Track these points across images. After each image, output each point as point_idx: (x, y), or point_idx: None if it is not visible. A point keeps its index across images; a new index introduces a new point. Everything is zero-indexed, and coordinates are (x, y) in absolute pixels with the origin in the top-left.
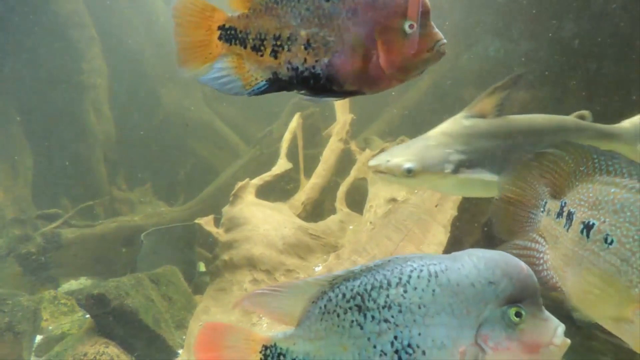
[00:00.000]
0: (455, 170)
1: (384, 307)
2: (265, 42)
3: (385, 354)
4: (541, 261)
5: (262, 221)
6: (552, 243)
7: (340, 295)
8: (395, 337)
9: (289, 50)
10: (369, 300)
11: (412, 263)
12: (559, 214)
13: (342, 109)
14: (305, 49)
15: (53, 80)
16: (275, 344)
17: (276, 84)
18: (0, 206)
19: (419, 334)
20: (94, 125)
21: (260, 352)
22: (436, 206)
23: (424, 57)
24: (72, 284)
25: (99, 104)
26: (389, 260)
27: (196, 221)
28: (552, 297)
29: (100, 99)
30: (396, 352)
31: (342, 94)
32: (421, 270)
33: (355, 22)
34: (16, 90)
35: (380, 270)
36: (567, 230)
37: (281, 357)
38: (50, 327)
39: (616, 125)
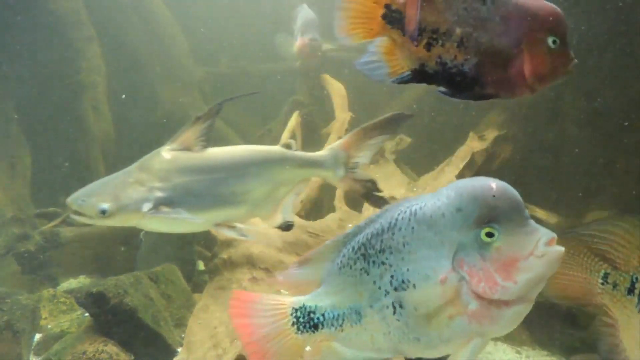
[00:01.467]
0: (154, 209)
1: (380, 252)
2: (423, 33)
3: (388, 293)
4: (617, 336)
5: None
6: (623, 321)
7: (350, 249)
8: (392, 276)
9: (442, 45)
10: (370, 248)
11: (401, 207)
12: (630, 291)
13: (341, 108)
14: (458, 46)
15: (51, 79)
16: (304, 305)
17: (420, 76)
18: None
19: (408, 270)
20: (92, 124)
21: (291, 315)
22: None
23: (559, 72)
24: (71, 283)
25: (97, 103)
26: (386, 209)
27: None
28: (549, 297)
29: (98, 97)
30: (395, 289)
31: (480, 96)
32: (405, 212)
33: (507, 29)
34: (14, 89)
35: (378, 219)
36: None
37: (311, 315)
38: (49, 326)
39: (318, 152)
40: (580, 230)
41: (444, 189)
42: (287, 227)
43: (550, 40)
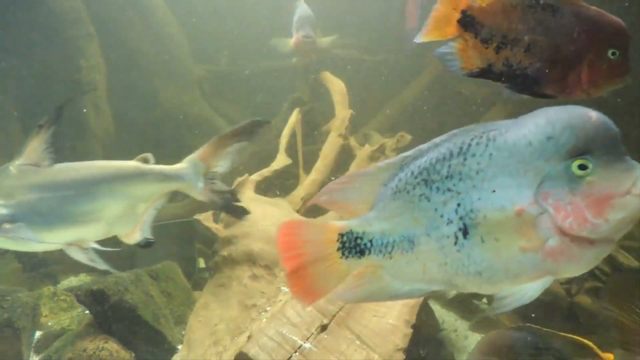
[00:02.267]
0: None
1: (447, 178)
2: (493, 38)
3: (452, 221)
4: None
5: (261, 217)
6: None
7: (409, 174)
8: (459, 204)
9: (510, 49)
10: (433, 173)
11: (474, 132)
12: None
13: (341, 105)
14: (525, 51)
15: (51, 77)
16: (350, 230)
17: (487, 74)
18: None
19: (479, 199)
20: (92, 122)
21: (338, 241)
22: None
23: (615, 81)
24: (72, 280)
25: (97, 101)
26: (454, 134)
27: (195, 217)
28: (550, 291)
29: (98, 95)
30: (461, 218)
31: (539, 94)
32: (480, 137)
33: (572, 40)
34: (13, 87)
35: (445, 144)
36: None
37: (358, 240)
38: (49, 323)
39: (176, 165)
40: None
41: (527, 117)
42: (146, 244)
43: (610, 52)
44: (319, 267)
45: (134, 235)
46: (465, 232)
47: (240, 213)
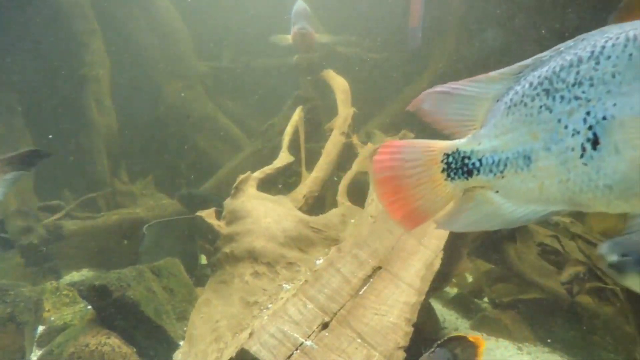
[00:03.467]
0: None
1: (574, 85)
2: None
3: (578, 132)
4: None
5: (263, 214)
6: None
7: (527, 85)
8: (588, 113)
9: None
10: (557, 82)
11: (609, 33)
12: None
13: (344, 103)
14: None
15: (55, 72)
16: (457, 149)
17: None
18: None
19: (615, 105)
20: (96, 118)
21: (442, 162)
22: None
23: None
24: (74, 276)
25: (101, 96)
26: (582, 39)
27: (198, 214)
28: (551, 291)
29: (102, 91)
30: (590, 127)
31: None
32: (617, 38)
33: None
34: (18, 82)
35: (571, 50)
36: None
37: (465, 160)
38: (52, 318)
39: None
40: None
41: None
42: None
43: None
44: (420, 190)
45: None
46: (595, 142)
47: (5, 245)
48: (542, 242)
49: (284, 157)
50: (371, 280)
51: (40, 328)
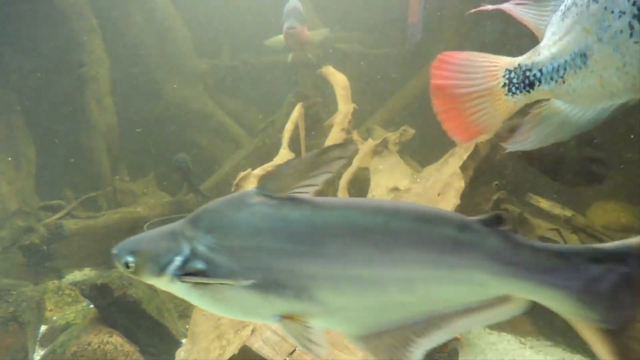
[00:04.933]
0: None
1: None
2: None
3: (624, 13)
4: None
5: None
6: None
7: None
8: None
9: None
10: None
11: None
12: None
13: (344, 99)
14: None
15: (54, 71)
16: (519, 64)
17: None
18: (3, 198)
19: None
20: (96, 117)
21: (504, 77)
22: (438, 195)
23: None
24: (76, 275)
25: (100, 95)
26: None
27: None
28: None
29: (102, 90)
30: (634, 3)
31: None
32: None
33: None
34: (17, 81)
35: None
36: None
37: (527, 73)
38: (54, 317)
39: None
40: None
41: None
42: None
43: None
44: (477, 103)
45: None
46: None
47: None
48: (543, 236)
49: (284, 154)
50: None
51: (43, 327)
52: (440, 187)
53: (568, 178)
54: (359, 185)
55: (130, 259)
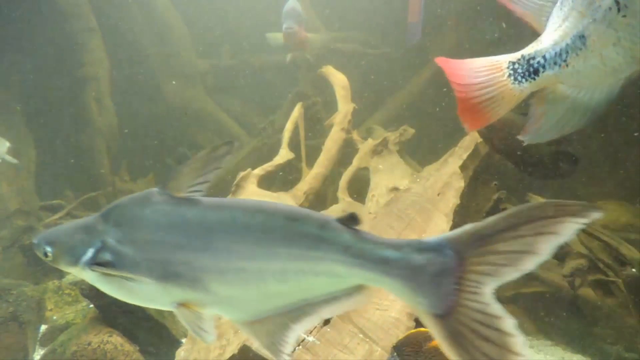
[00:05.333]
0: None
1: None
2: None
3: None
4: None
5: None
6: None
7: None
8: None
9: None
10: None
11: None
12: None
13: (344, 99)
14: None
15: (54, 72)
16: (521, 55)
17: None
18: (3, 198)
19: None
20: (96, 117)
21: (507, 68)
22: (438, 194)
23: None
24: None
25: (100, 95)
26: None
27: None
28: (553, 284)
29: (102, 90)
30: None
31: None
32: None
33: None
34: (17, 81)
35: None
36: None
37: (531, 61)
38: (54, 317)
39: None
40: None
41: None
42: None
43: None
44: (485, 93)
45: None
46: None
47: None
48: None
49: (284, 154)
50: None
51: (43, 327)
52: (440, 187)
53: (537, 171)
54: (359, 185)
55: (48, 249)
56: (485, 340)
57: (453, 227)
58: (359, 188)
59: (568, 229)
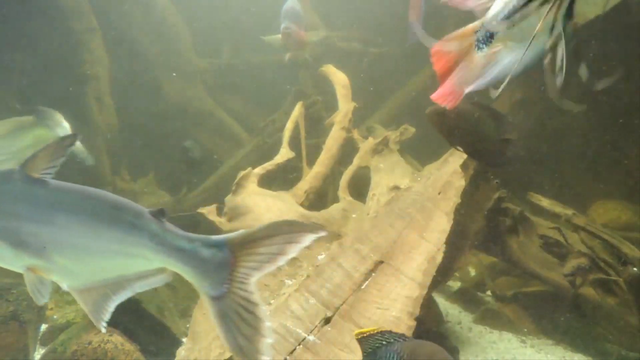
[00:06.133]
0: None
1: None
2: None
3: None
4: None
5: (264, 210)
6: None
7: None
8: None
9: None
10: None
11: None
12: None
13: (344, 98)
14: None
15: (54, 70)
16: (481, 23)
17: None
18: None
19: None
20: (96, 116)
21: (473, 37)
22: (439, 194)
23: None
24: None
25: (100, 95)
26: None
27: (199, 210)
28: (554, 283)
29: (102, 89)
30: None
31: None
32: None
33: None
34: (16, 80)
35: None
36: None
37: (487, 27)
38: (55, 316)
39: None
40: None
41: None
42: None
43: None
44: (460, 66)
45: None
46: None
47: None
48: (544, 235)
49: (284, 153)
50: (373, 274)
51: (43, 326)
52: (440, 186)
53: (486, 159)
54: (360, 184)
55: None
56: (244, 321)
57: (454, 227)
58: (360, 187)
59: (307, 239)
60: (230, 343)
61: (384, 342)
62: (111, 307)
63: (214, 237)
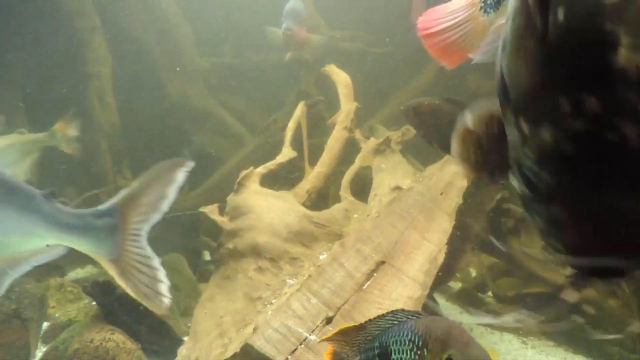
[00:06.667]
0: None
1: None
2: None
3: None
4: None
5: (266, 209)
6: None
7: None
8: None
9: None
10: None
11: None
12: None
13: (346, 98)
14: None
15: (57, 69)
16: None
17: None
18: None
19: None
20: (98, 115)
21: (480, 2)
22: (441, 194)
23: None
24: (79, 272)
25: (103, 93)
26: None
27: (201, 210)
28: (556, 284)
29: (104, 88)
30: None
31: None
32: None
33: None
34: (20, 79)
35: None
36: None
37: None
38: (56, 314)
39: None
40: None
41: None
42: None
43: None
44: (460, 29)
45: None
46: None
47: None
48: None
49: (286, 153)
50: (375, 274)
51: (45, 324)
52: (442, 186)
53: (442, 144)
54: (362, 184)
55: None
56: (142, 273)
57: (456, 227)
58: (362, 187)
59: (180, 175)
60: (136, 294)
61: (395, 322)
62: (7, 282)
63: (103, 206)
